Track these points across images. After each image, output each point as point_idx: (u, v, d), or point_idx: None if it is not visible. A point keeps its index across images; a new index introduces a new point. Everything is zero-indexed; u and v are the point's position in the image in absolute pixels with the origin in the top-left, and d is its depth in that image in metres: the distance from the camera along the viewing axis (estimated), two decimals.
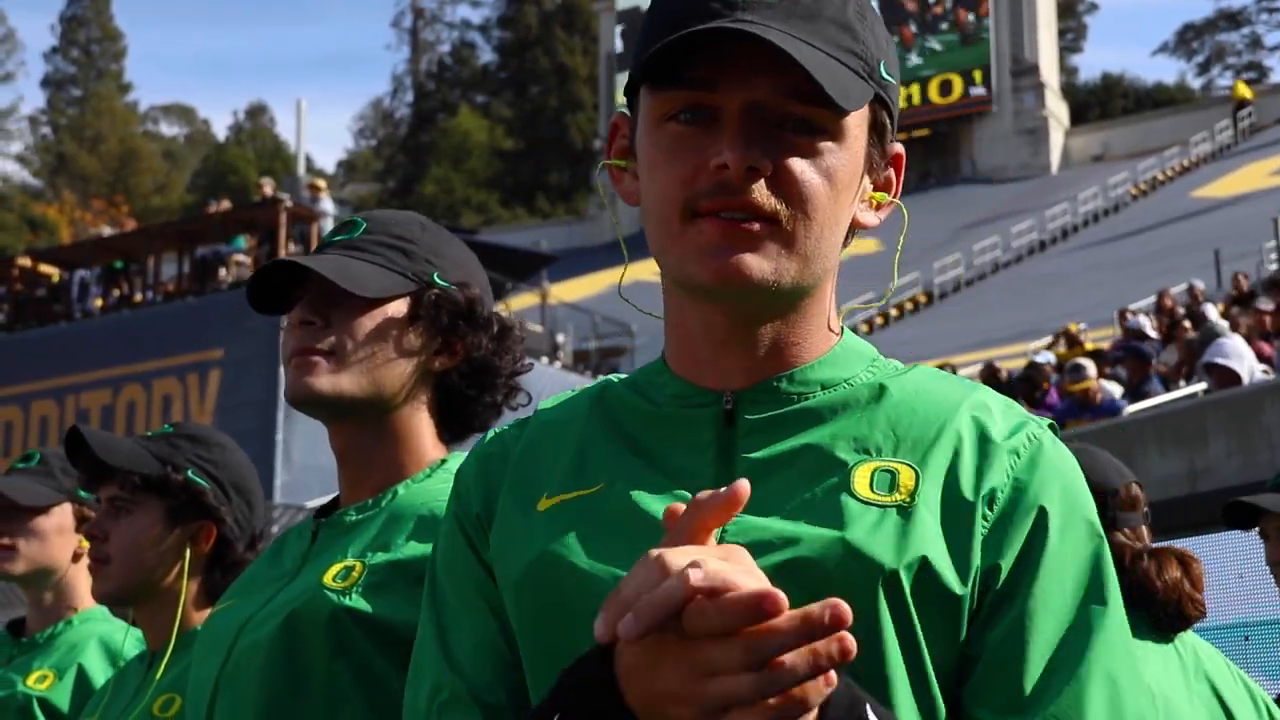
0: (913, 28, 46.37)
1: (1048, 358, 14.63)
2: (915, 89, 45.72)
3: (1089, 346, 16.28)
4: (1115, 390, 11.20)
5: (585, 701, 1.03)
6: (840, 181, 1.19)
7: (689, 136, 1.17)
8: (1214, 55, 65.32)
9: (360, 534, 1.75)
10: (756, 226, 1.16)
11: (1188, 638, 2.48)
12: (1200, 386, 9.04)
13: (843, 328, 1.29)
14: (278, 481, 18.72)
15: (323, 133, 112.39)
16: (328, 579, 1.69)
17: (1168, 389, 11.24)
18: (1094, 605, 1.16)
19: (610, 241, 48.24)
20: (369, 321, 1.78)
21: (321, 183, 23.62)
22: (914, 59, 46.07)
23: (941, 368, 13.75)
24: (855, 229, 1.26)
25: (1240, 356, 7.19)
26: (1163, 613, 2.42)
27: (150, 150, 73.36)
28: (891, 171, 1.28)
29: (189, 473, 2.28)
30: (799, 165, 1.16)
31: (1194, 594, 2.45)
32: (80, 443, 2.24)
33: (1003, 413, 1.22)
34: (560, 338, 27.31)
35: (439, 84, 73.42)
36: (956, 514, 1.16)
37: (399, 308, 1.80)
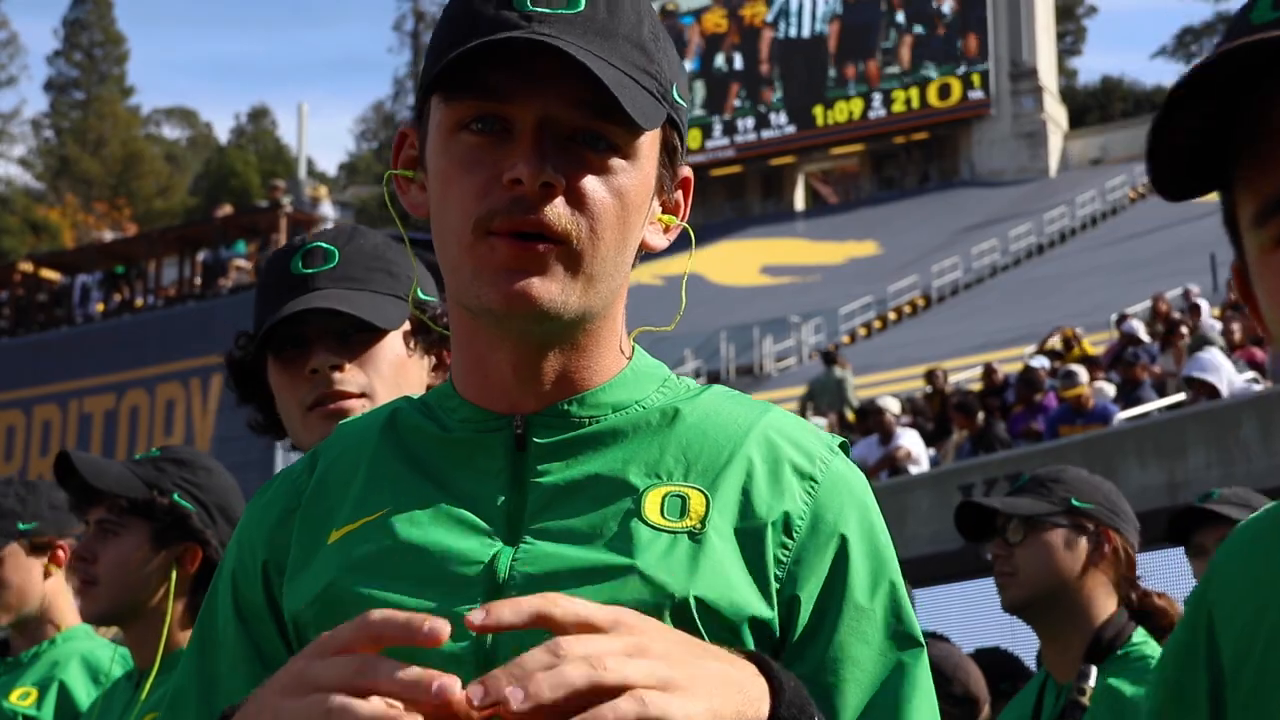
0: (914, 30, 46.43)
1: (1042, 362, 14.72)
2: (914, 92, 45.75)
3: (1087, 350, 16.33)
4: (1112, 391, 11.29)
5: None
6: (631, 202, 1.18)
7: (481, 148, 1.15)
8: None
9: None
10: (545, 247, 1.14)
11: None
12: (1180, 397, 9.15)
13: (634, 348, 1.28)
14: None
15: (324, 135, 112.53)
16: None
17: (1162, 394, 11.33)
18: (906, 646, 1.17)
19: None
20: (388, 354, 1.82)
21: (323, 189, 23.73)
22: (912, 63, 46.15)
23: (932, 372, 13.68)
24: (643, 250, 1.24)
25: (1218, 369, 7.29)
26: None
27: (152, 153, 73.36)
28: (680, 194, 1.27)
29: (175, 496, 2.34)
30: (591, 183, 1.15)
31: None
32: (69, 467, 2.31)
33: (795, 435, 1.22)
34: None
35: None
36: (750, 539, 1.15)
37: (401, 333, 1.84)
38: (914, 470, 11.25)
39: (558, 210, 1.14)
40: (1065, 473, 2.79)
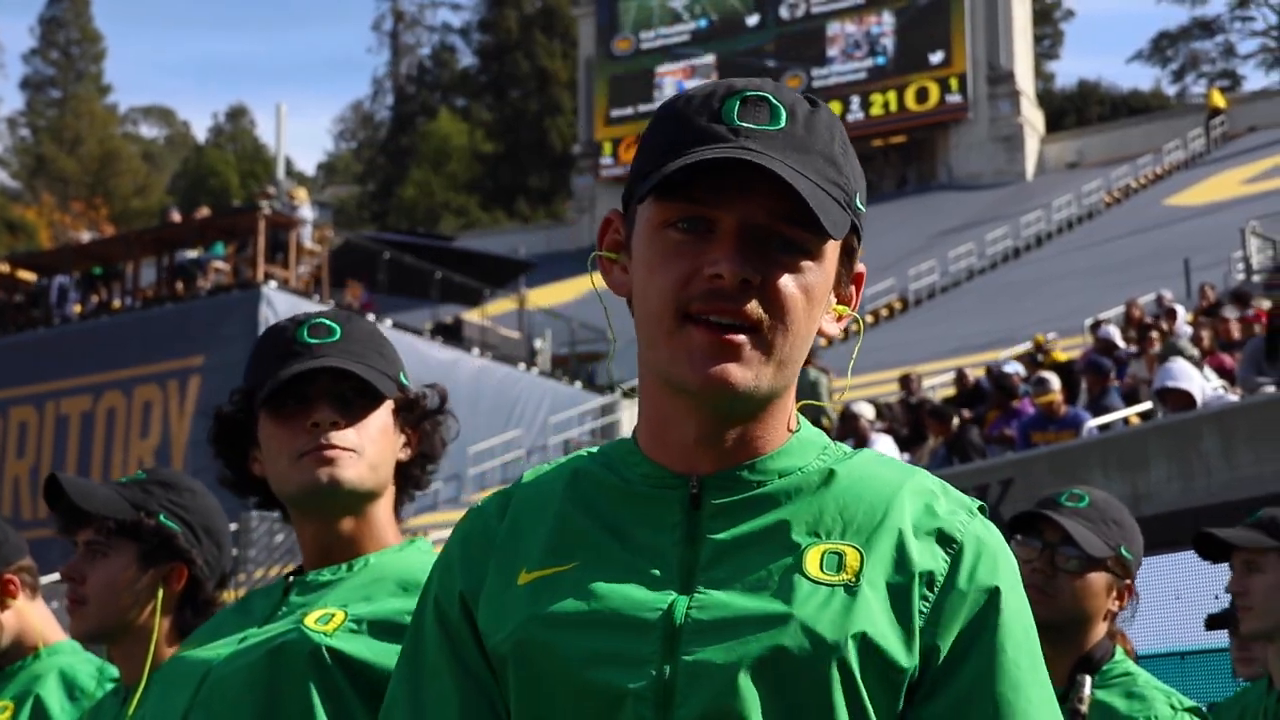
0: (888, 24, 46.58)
1: (1016, 368, 14.82)
2: (892, 95, 45.89)
3: (1060, 357, 16.44)
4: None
5: None
6: (816, 298, 1.31)
7: (686, 244, 1.28)
8: (1188, 63, 65.66)
9: (337, 590, 1.91)
10: (741, 336, 1.27)
11: None
12: (1149, 405, 9.27)
13: (799, 419, 1.40)
14: None
15: (302, 134, 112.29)
16: (309, 622, 1.85)
17: (1133, 401, 11.44)
18: (1047, 693, 1.31)
19: (588, 246, 48.26)
20: (377, 421, 1.96)
21: (301, 190, 23.70)
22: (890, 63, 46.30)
23: (907, 377, 13.74)
24: (819, 336, 1.37)
25: (1190, 378, 7.39)
26: None
27: (130, 152, 73.11)
28: (853, 288, 1.41)
29: (161, 517, 2.40)
30: (784, 281, 1.28)
31: None
32: (58, 489, 2.38)
33: (940, 497, 1.35)
34: (538, 343, 27.40)
35: (419, 87, 73.32)
36: (899, 593, 1.28)
37: (388, 408, 1.98)
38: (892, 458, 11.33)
39: (754, 304, 1.27)
40: (1123, 515, 2.83)
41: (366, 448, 1.93)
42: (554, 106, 64.48)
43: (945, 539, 1.31)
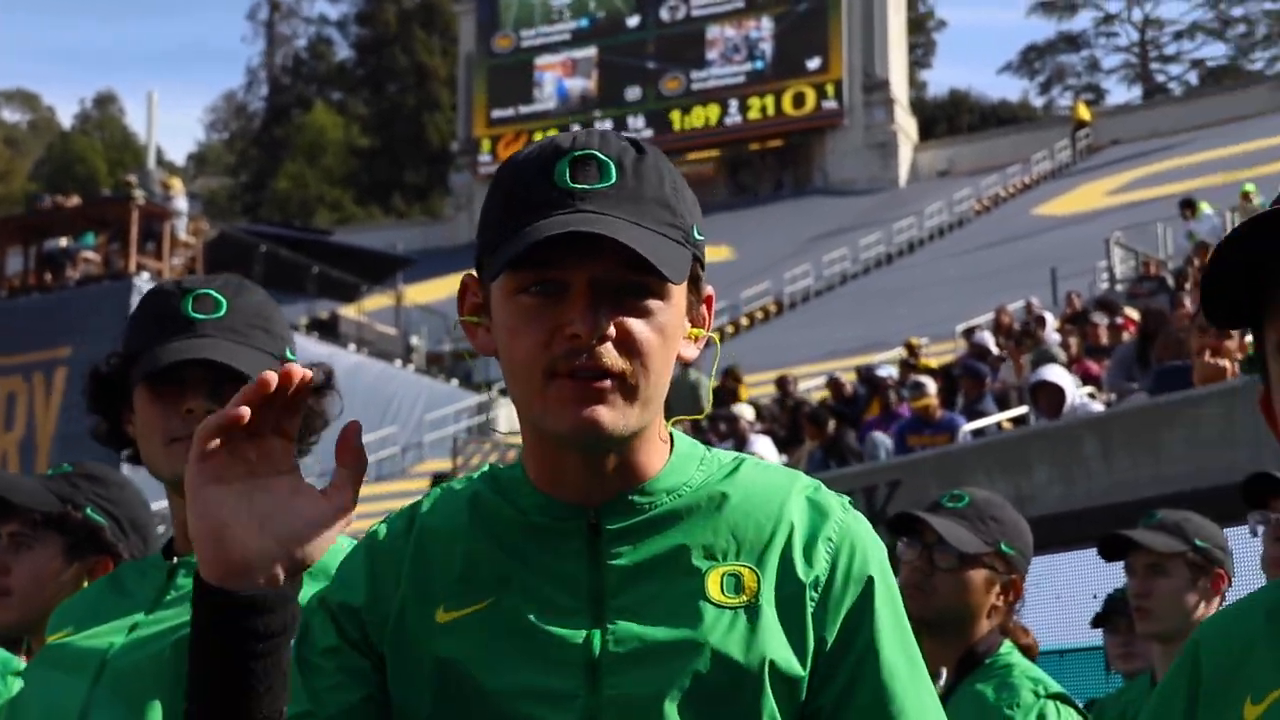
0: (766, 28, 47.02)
1: (889, 371, 15.09)
2: (770, 100, 46.34)
3: (930, 363, 16.75)
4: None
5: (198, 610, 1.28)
6: (669, 333, 1.39)
7: (541, 307, 1.36)
8: (1055, 75, 67.25)
9: None
10: (607, 383, 1.35)
11: None
12: (1023, 409, 9.52)
13: (671, 433, 1.47)
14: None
15: (173, 124, 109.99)
16: None
17: (1004, 407, 11.72)
18: (920, 674, 1.43)
19: (465, 244, 48.04)
20: None
21: (175, 181, 23.30)
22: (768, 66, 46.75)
23: (784, 379, 13.86)
24: (679, 361, 1.45)
25: (1061, 375, 7.61)
26: None
27: None
28: (704, 309, 1.48)
29: (88, 510, 2.40)
30: (637, 326, 1.36)
31: None
32: None
33: (816, 505, 1.45)
34: (414, 340, 27.24)
35: (294, 79, 72.33)
36: (791, 602, 1.39)
37: None
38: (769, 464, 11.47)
39: (612, 353, 1.35)
40: (1003, 512, 2.90)
41: None
42: (432, 102, 64.05)
43: (825, 541, 1.42)
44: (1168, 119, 45.01)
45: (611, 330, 1.35)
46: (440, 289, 37.63)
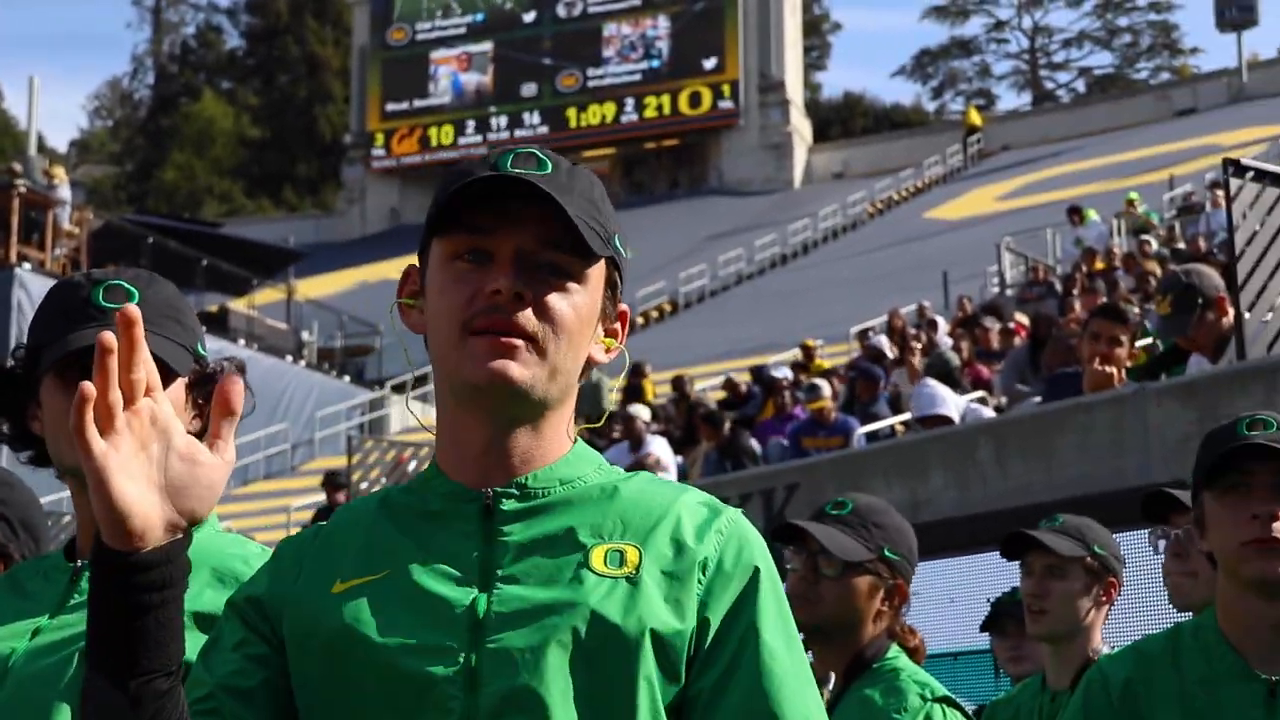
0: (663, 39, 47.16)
1: (784, 373, 15.18)
2: (666, 99, 46.51)
3: (824, 364, 16.89)
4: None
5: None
6: (583, 316, 1.50)
7: (470, 272, 1.48)
8: (947, 80, 68.30)
9: None
10: (519, 343, 1.46)
11: None
12: (906, 416, 9.65)
13: (576, 438, 1.57)
14: None
15: (54, 109, 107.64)
16: None
17: (897, 409, 11.85)
18: (800, 658, 1.49)
19: (358, 238, 47.62)
20: (172, 396, 1.84)
21: (59, 169, 22.76)
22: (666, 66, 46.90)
23: (680, 379, 13.86)
24: (590, 364, 1.55)
25: (945, 401, 7.73)
26: None
27: None
28: (618, 324, 1.59)
29: None
30: (553, 297, 1.48)
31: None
32: None
33: (707, 504, 1.54)
34: (305, 335, 26.93)
35: (182, 67, 71.20)
36: (674, 580, 1.46)
37: (182, 382, 1.90)
38: (663, 478, 11.49)
39: (527, 315, 1.46)
40: (886, 517, 2.91)
41: None
42: (324, 94, 63.43)
43: (716, 532, 1.50)
44: (1056, 126, 45.95)
45: (530, 295, 1.46)
46: (332, 283, 37.29)
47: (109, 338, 1.34)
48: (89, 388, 1.33)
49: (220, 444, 1.41)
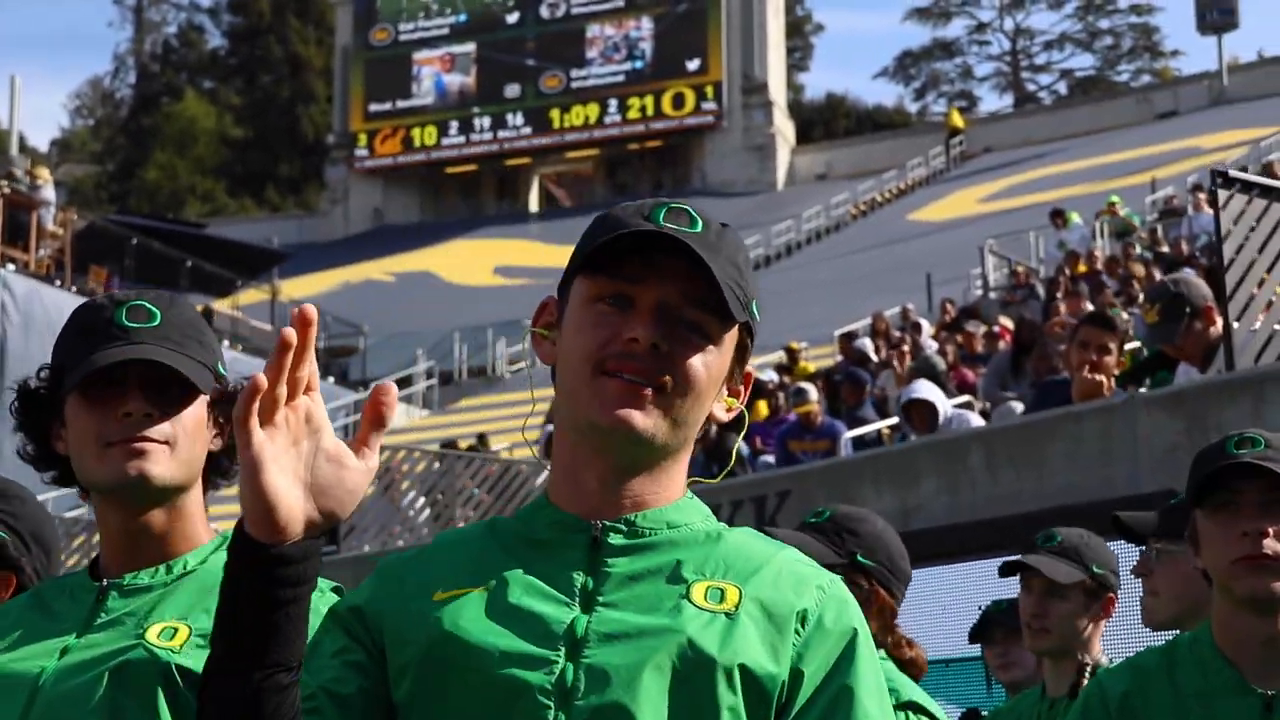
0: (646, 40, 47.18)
1: (770, 376, 15.21)
2: (649, 100, 46.53)
3: (808, 367, 16.92)
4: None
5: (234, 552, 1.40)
6: (712, 375, 1.53)
7: (610, 314, 1.51)
8: (929, 82, 68.46)
9: (169, 599, 1.87)
10: (647, 391, 1.49)
11: None
12: (893, 420, 9.68)
13: (688, 491, 1.60)
14: None
15: (35, 108, 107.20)
16: (153, 638, 1.80)
17: (883, 413, 11.87)
18: (886, 713, 1.52)
19: (341, 239, 47.55)
20: (192, 414, 1.91)
21: (44, 171, 22.69)
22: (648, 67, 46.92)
23: None
24: (709, 421, 1.57)
25: (934, 391, 7.75)
26: None
27: None
28: (742, 386, 1.62)
29: None
30: (687, 353, 1.51)
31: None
32: None
33: (808, 563, 1.58)
34: None
35: (164, 66, 70.98)
36: (772, 625, 1.49)
37: (204, 400, 1.93)
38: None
39: (660, 366, 1.50)
40: (863, 525, 2.92)
41: (179, 441, 1.89)
42: (306, 94, 63.31)
43: (816, 588, 1.54)
44: (1039, 128, 46.09)
45: (666, 347, 1.50)
46: (316, 284, 37.23)
47: (290, 333, 1.38)
48: (261, 379, 1.37)
49: (367, 452, 1.43)
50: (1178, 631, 2.86)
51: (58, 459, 1.96)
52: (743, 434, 1.84)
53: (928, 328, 17.05)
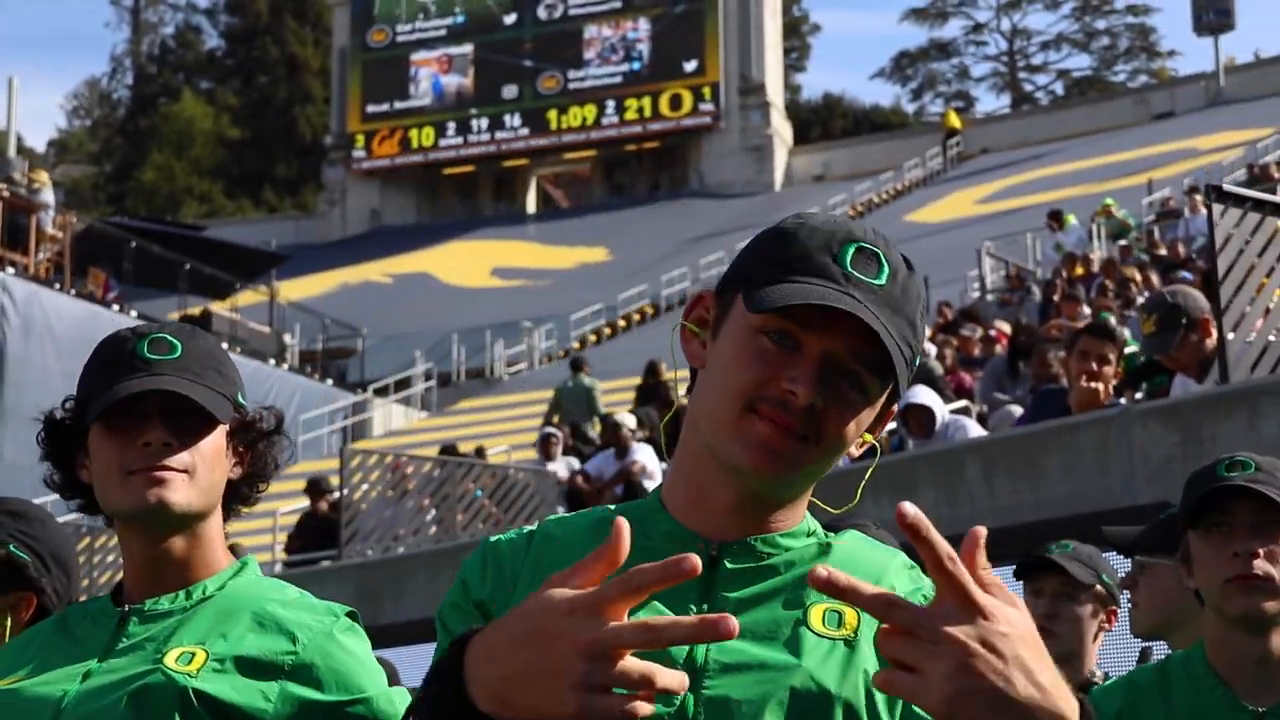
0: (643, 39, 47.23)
1: None
2: (647, 101, 46.55)
3: None
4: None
5: (434, 695, 1.32)
6: (859, 428, 1.50)
7: (772, 353, 1.46)
8: (926, 83, 68.51)
9: (188, 624, 1.93)
10: (794, 441, 1.45)
11: None
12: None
13: (805, 512, 1.59)
14: None
15: (31, 108, 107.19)
16: (170, 662, 1.86)
17: None
18: None
19: (339, 240, 47.57)
20: (211, 443, 1.97)
21: (44, 174, 22.73)
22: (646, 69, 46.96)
23: (660, 381, 13.81)
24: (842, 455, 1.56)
25: (931, 396, 7.82)
26: None
27: None
28: (882, 423, 1.58)
29: (11, 547, 2.39)
30: (840, 413, 1.47)
31: None
32: None
33: (913, 569, 1.57)
34: (287, 338, 26.92)
35: (161, 67, 70.98)
36: None
37: (223, 430, 2.00)
38: (649, 485, 11.59)
39: (812, 421, 1.46)
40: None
41: (198, 469, 1.95)
42: (304, 94, 63.32)
43: (923, 599, 1.49)
44: (1036, 128, 46.12)
45: (822, 406, 1.45)
46: (313, 285, 37.24)
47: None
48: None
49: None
50: (1155, 642, 2.92)
51: (83, 487, 2.02)
52: (875, 465, 1.78)
53: (925, 332, 17.07)
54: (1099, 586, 3.37)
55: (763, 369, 1.47)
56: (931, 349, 15.28)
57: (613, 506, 1.63)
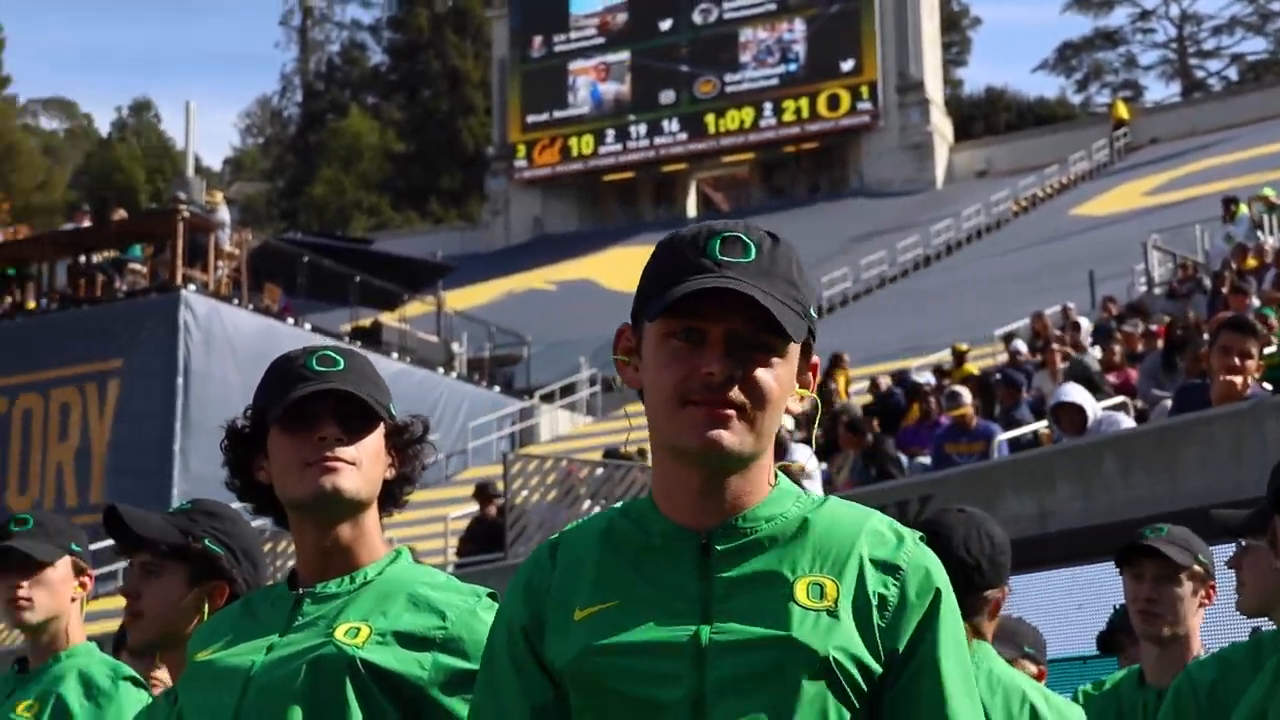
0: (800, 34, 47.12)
1: (927, 378, 15.23)
2: (804, 102, 46.44)
3: (970, 368, 16.82)
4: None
5: None
6: (783, 385, 1.72)
7: (684, 350, 1.69)
8: (1091, 73, 67.04)
9: (354, 604, 2.23)
10: (730, 412, 1.67)
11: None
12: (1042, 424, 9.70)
13: (777, 475, 1.79)
14: (175, 490, 18.84)
15: (207, 129, 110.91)
16: (340, 636, 2.17)
17: (1039, 414, 11.87)
18: (968, 676, 1.73)
19: (503, 249, 48.40)
20: (373, 440, 2.28)
21: (219, 194, 23.66)
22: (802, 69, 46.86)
23: (824, 386, 14.03)
24: (785, 412, 1.77)
25: (1083, 395, 7.81)
26: None
27: (29, 145, 71.64)
28: (810, 374, 1.80)
29: (206, 541, 2.72)
30: (759, 373, 1.69)
31: None
32: (118, 519, 2.71)
33: (891, 530, 1.77)
34: (455, 347, 27.51)
35: (328, 84, 72.88)
36: (862, 613, 1.69)
37: (381, 431, 2.30)
38: (808, 485, 11.71)
39: (737, 391, 1.68)
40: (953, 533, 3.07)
41: (363, 462, 2.24)
42: (466, 106, 64.42)
43: (893, 568, 1.72)
44: (1207, 116, 44.87)
45: (740, 375, 1.67)
46: (479, 294, 37.98)
47: None
48: None
49: None
50: (1261, 619, 3.03)
51: (259, 490, 2.34)
52: (817, 421, 2.10)
53: (1086, 326, 16.87)
54: (1196, 566, 3.48)
55: (681, 365, 1.68)
56: (1096, 351, 15.10)
57: (619, 505, 1.85)
